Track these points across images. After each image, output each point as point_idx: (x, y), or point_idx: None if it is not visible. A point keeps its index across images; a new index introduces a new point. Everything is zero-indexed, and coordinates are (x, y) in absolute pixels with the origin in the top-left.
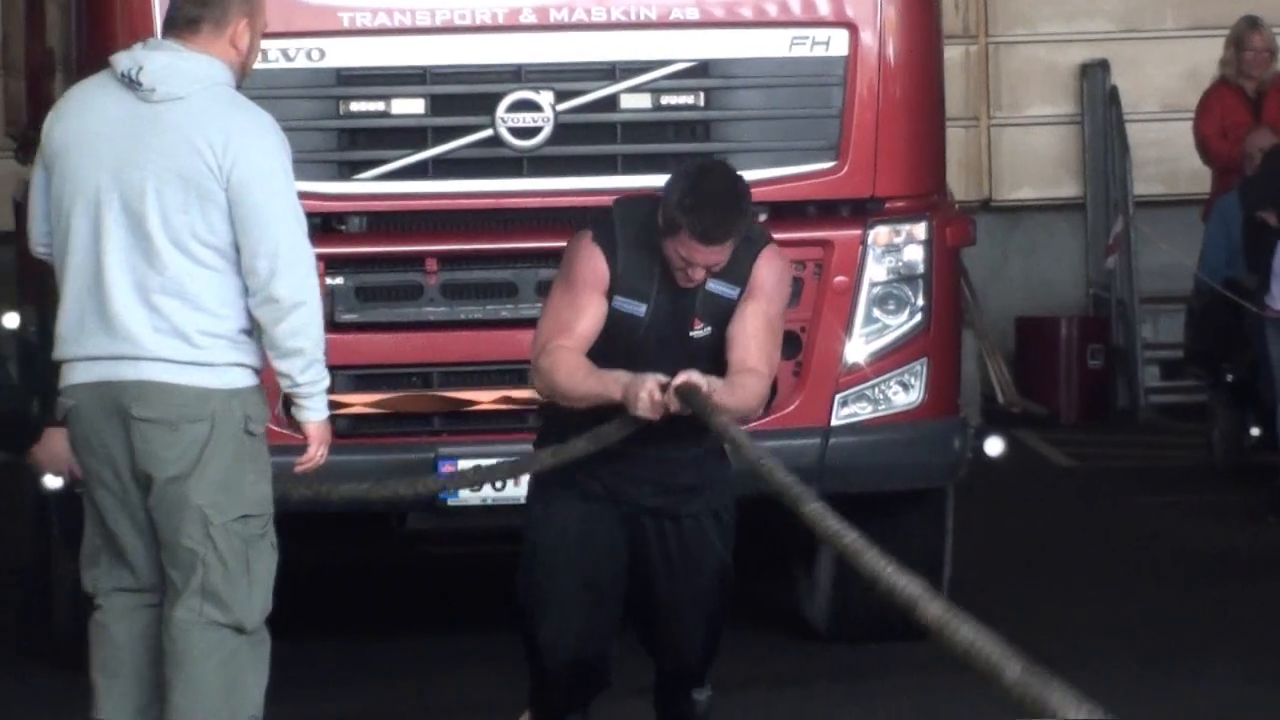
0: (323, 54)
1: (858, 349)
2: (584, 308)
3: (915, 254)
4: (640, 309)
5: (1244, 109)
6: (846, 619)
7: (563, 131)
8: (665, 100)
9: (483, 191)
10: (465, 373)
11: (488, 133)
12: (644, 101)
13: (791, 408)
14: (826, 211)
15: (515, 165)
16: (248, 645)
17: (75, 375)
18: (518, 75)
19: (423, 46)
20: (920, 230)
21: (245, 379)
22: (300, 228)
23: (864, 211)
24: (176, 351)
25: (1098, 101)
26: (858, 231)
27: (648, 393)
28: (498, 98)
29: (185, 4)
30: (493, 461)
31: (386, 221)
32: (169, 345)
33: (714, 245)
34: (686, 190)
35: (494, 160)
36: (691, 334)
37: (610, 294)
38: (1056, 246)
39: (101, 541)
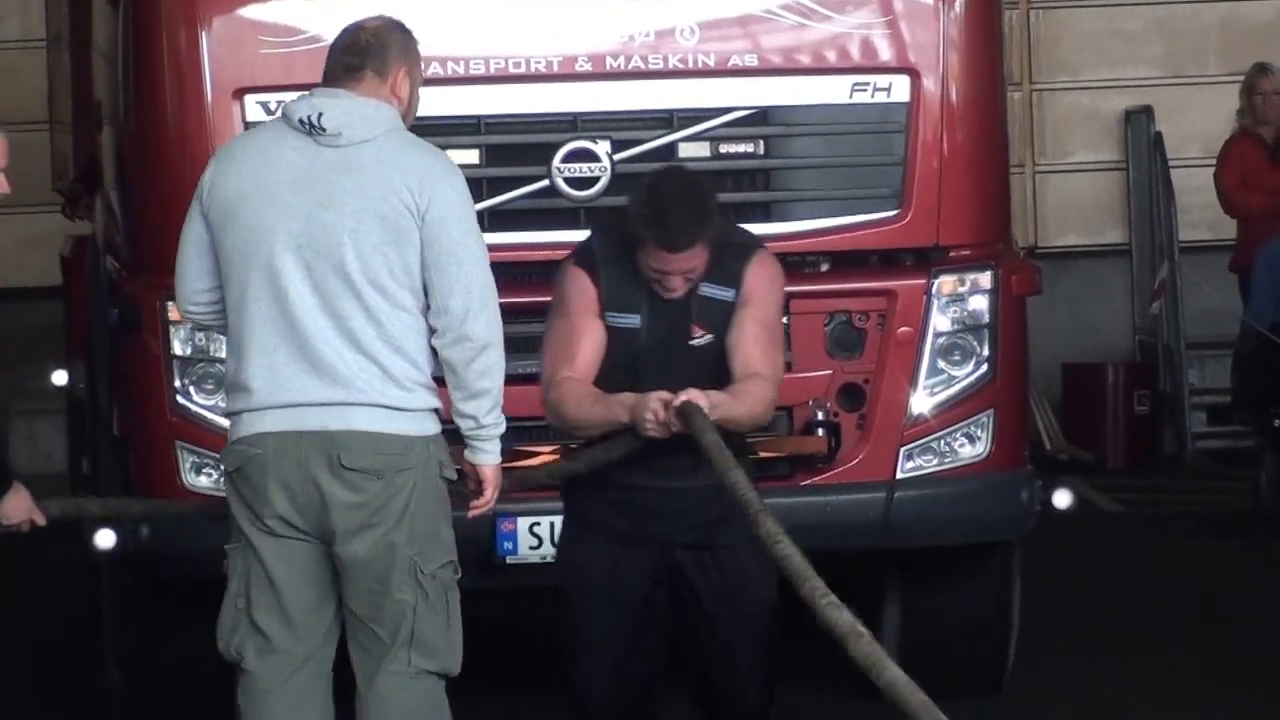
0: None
1: (922, 401)
2: (580, 332)
3: (980, 303)
4: (634, 320)
5: (1262, 156)
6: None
7: (621, 181)
8: (724, 149)
9: (540, 243)
10: (524, 428)
11: (544, 183)
12: (703, 150)
13: (855, 461)
14: (889, 261)
15: (573, 216)
16: (445, 692)
17: (265, 423)
18: (574, 124)
19: (477, 96)
20: (985, 279)
21: (437, 425)
22: (488, 268)
23: (928, 260)
24: (388, 396)
25: (1142, 147)
26: (922, 281)
27: (652, 412)
28: (554, 147)
29: (344, 55)
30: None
31: None
32: (381, 389)
33: (681, 252)
34: (645, 200)
35: (551, 211)
36: (691, 342)
37: (602, 312)
38: (1102, 292)
39: (245, 604)
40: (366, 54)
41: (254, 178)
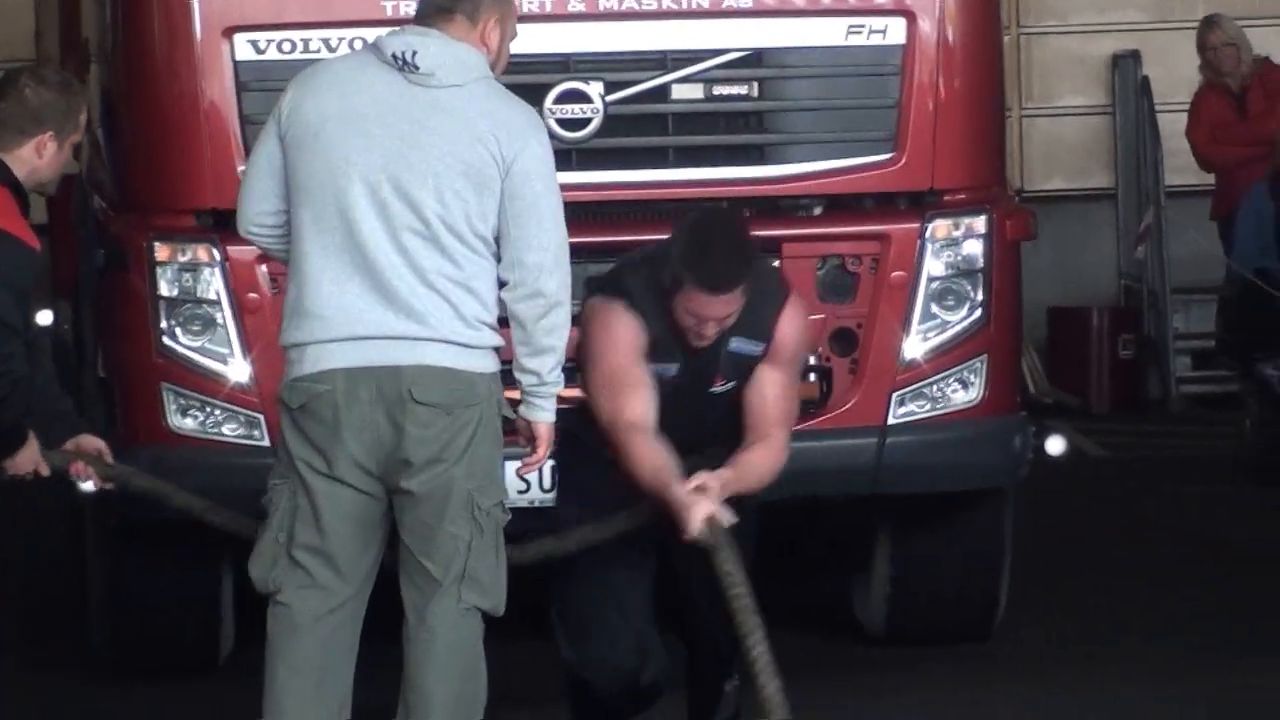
0: (365, 44)
1: (915, 346)
2: (641, 380)
3: (975, 248)
4: (672, 370)
5: (1229, 109)
6: (902, 621)
7: (612, 123)
8: (718, 90)
9: None
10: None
11: None
12: (696, 92)
13: (847, 406)
14: (883, 204)
15: (564, 158)
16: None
17: (333, 359)
18: (566, 65)
19: None
20: (980, 224)
21: (498, 363)
22: (564, 227)
23: (922, 204)
24: (458, 333)
25: (1129, 92)
26: (915, 225)
27: (695, 531)
28: (546, 88)
29: None
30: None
31: None
32: (452, 326)
33: (722, 295)
34: (688, 242)
35: None
36: (711, 390)
37: (644, 359)
38: (1088, 237)
39: (286, 539)
40: None
41: (338, 104)
